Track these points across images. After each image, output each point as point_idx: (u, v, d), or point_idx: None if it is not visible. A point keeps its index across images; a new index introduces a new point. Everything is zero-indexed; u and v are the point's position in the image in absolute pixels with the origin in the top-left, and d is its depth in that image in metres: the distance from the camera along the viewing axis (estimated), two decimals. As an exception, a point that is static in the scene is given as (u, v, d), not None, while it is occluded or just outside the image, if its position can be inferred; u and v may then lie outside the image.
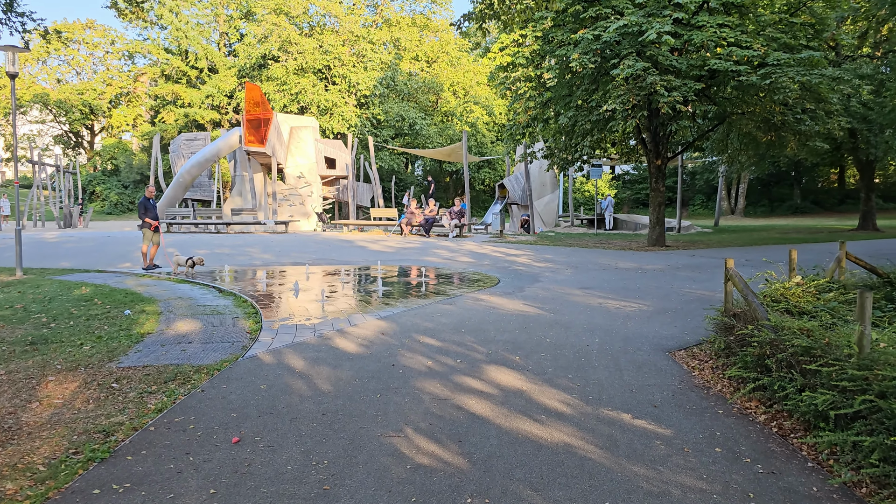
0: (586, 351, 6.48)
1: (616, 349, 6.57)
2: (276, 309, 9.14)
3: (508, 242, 21.32)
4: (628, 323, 7.92)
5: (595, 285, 11.27)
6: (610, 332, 7.35)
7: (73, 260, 15.81)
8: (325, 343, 6.92)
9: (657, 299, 9.73)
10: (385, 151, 45.65)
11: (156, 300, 9.93)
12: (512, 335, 7.20)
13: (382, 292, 10.69)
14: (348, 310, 9.03)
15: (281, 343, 6.96)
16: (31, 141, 49.07)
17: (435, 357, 6.25)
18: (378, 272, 13.48)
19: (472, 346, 6.72)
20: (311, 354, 6.41)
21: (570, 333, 7.29)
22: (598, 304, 9.21)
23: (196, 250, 17.42)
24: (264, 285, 11.48)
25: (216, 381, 5.52)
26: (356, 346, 6.76)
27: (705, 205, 46.89)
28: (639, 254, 17.24)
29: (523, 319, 8.09)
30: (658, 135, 18.92)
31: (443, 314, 8.52)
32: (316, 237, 23.18)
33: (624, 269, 13.57)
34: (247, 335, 7.42)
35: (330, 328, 7.74)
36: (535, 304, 9.20)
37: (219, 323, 8.23)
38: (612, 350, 6.53)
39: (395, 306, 9.23)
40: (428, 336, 7.19)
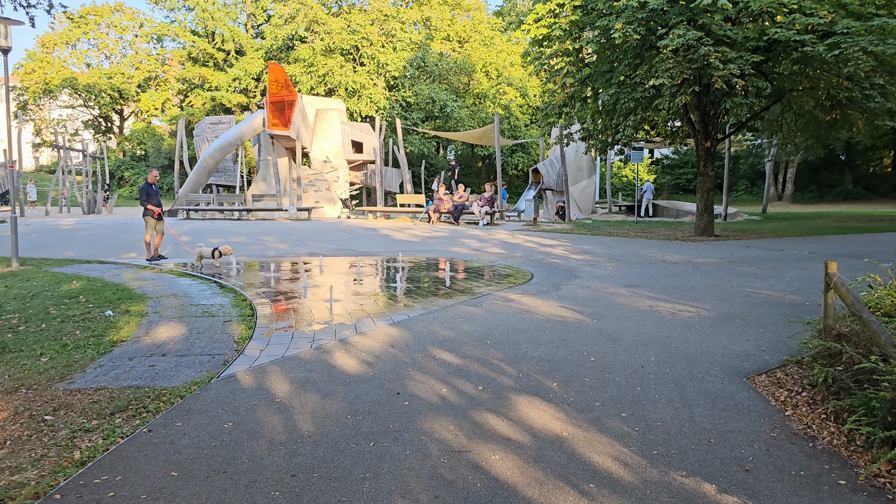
0: (641, 374, 5.21)
1: (679, 372, 5.29)
2: (276, 311, 8.07)
3: (542, 231, 19.98)
4: (688, 334, 6.61)
5: (642, 282, 9.94)
6: (667, 347, 6.05)
7: (79, 249, 14.98)
8: (321, 358, 5.77)
9: (717, 301, 8.38)
10: (415, 135, 44.42)
11: (146, 298, 8.90)
12: (547, 350, 5.95)
13: (399, 290, 9.53)
14: (357, 312, 7.85)
15: (269, 357, 5.83)
16: (58, 126, 49.02)
17: (451, 381, 5.05)
18: (398, 265, 12.27)
19: (498, 364, 5.50)
20: (301, 375, 5.26)
21: (619, 348, 6.03)
22: (649, 308, 7.91)
23: (210, 239, 16.48)
24: (271, 280, 10.38)
25: (173, 414, 4.39)
26: (357, 363, 5.60)
27: (749, 190, 44.72)
28: (686, 244, 15.79)
29: (561, 328, 6.84)
30: (708, 114, 17.34)
31: (466, 319, 7.31)
32: (339, 225, 22.10)
33: (672, 263, 12.19)
34: (233, 345, 6.31)
35: (331, 337, 6.59)
36: (575, 307, 7.91)
37: (206, 328, 7.15)
38: (674, 374, 5.25)
39: (411, 308, 8.03)
40: (446, 350, 5.99)
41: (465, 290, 9.48)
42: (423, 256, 13.84)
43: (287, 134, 27.84)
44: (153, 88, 52.95)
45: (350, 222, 23.92)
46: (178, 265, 12.32)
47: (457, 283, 10.02)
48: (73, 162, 36.44)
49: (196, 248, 12.42)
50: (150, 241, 12.98)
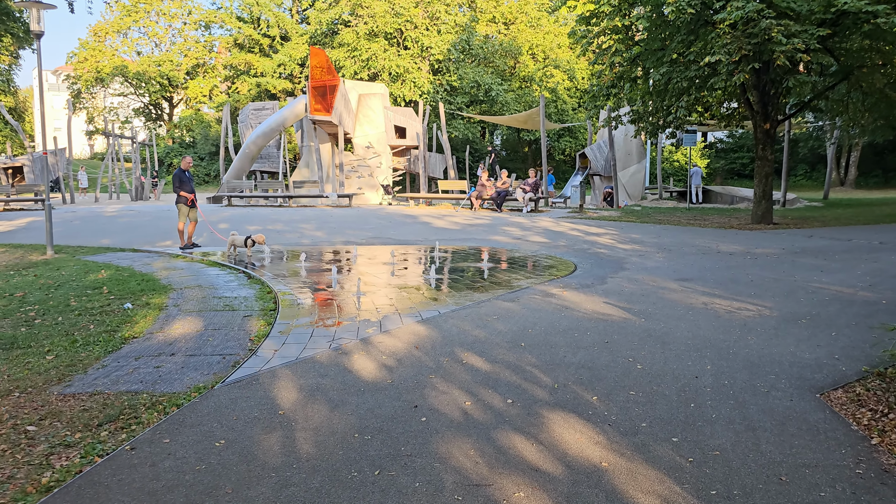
0: (695, 387, 4.55)
1: (739, 385, 4.60)
2: (300, 304, 7.56)
3: (589, 219, 19.19)
4: (748, 337, 5.90)
5: (694, 275, 9.19)
6: (725, 353, 5.34)
7: (117, 237, 14.89)
8: (337, 361, 5.27)
9: (780, 298, 7.61)
10: (459, 120, 43.73)
11: (170, 289, 8.59)
12: (588, 355, 5.32)
13: (432, 283, 8.99)
14: (385, 307, 7.36)
15: (282, 359, 5.37)
16: (109, 113, 49.88)
17: (477, 392, 4.48)
18: (435, 255, 11.73)
19: (531, 372, 4.92)
20: (313, 381, 4.76)
21: (670, 353, 5.37)
22: (703, 305, 7.20)
23: (247, 226, 16.25)
24: (301, 271, 9.99)
25: (164, 427, 3.94)
26: (376, 367, 5.08)
27: (809, 175, 42.69)
28: (743, 233, 14.84)
29: (604, 328, 6.20)
30: (768, 93, 16.26)
31: (500, 316, 6.73)
32: (379, 212, 21.69)
33: (728, 254, 11.36)
34: (248, 344, 5.89)
35: (353, 336, 6.10)
36: (620, 304, 7.25)
37: (224, 323, 6.76)
38: (734, 387, 4.57)
39: (443, 303, 7.48)
40: (475, 353, 5.42)
41: (502, 282, 8.90)
42: (462, 245, 13.27)
43: (329, 119, 27.53)
44: (201, 75, 53.50)
45: (391, 209, 23.50)
46: (207, 254, 12.10)
47: (494, 275, 9.44)
48: (125, 149, 37.00)
49: (229, 237, 12.14)
50: (184, 229, 12.76)
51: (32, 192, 26.87)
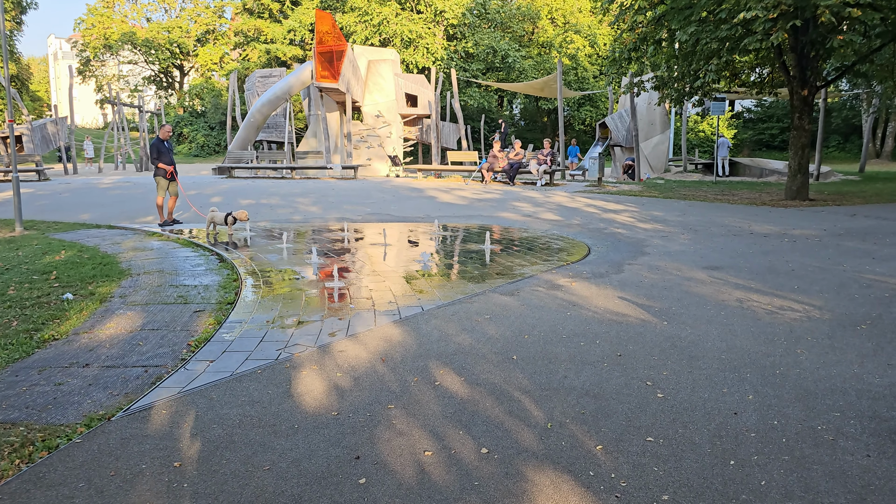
0: (735, 430, 3.39)
1: (794, 428, 3.43)
2: (263, 297, 6.49)
3: (608, 193, 17.94)
4: (798, 350, 4.75)
5: (726, 263, 8.01)
6: (770, 375, 4.17)
7: (101, 211, 13.95)
8: (280, 379, 4.20)
9: (830, 294, 6.43)
10: (474, 88, 42.19)
11: (126, 275, 7.60)
12: (595, 374, 4.20)
13: (422, 269, 7.92)
14: (361, 301, 6.25)
15: (215, 374, 4.33)
16: (119, 81, 48.99)
17: (446, 434, 3.39)
18: (433, 235, 10.62)
19: (520, 402, 3.78)
20: (237, 412, 3.69)
21: (699, 374, 4.22)
22: (737, 303, 6.06)
23: (241, 200, 15.28)
24: (283, 252, 8.96)
25: (13, 487, 2.92)
26: (324, 390, 4.00)
27: (842, 147, 40.69)
28: (777, 211, 13.56)
29: (617, 334, 5.06)
30: (807, 56, 14.82)
31: (494, 315, 5.62)
32: (384, 184, 20.55)
33: (762, 236, 10.14)
34: (184, 350, 4.89)
35: (312, 341, 5.05)
36: (639, 300, 6.09)
37: (168, 321, 5.75)
38: (788, 431, 3.40)
39: (429, 297, 6.38)
40: (453, 369, 4.33)
41: (503, 270, 7.76)
42: (466, 223, 12.11)
43: (336, 87, 26.32)
44: (211, 42, 52.31)
45: (398, 181, 22.38)
46: (185, 232, 11.10)
47: (495, 260, 8.31)
48: (135, 119, 36.27)
49: (208, 213, 11.15)
50: (163, 205, 11.78)
51: (29, 161, 26.16)
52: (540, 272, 7.49)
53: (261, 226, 11.55)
